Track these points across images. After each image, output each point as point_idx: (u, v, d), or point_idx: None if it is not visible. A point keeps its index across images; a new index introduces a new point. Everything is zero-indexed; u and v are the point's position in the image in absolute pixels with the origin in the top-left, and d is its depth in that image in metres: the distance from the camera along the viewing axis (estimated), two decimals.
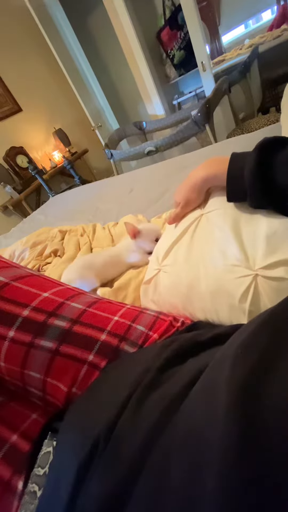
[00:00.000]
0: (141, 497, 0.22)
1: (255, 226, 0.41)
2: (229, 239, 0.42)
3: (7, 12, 2.52)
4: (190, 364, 0.32)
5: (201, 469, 0.20)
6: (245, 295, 0.39)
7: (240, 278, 0.39)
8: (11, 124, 2.69)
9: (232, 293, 0.40)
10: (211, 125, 1.62)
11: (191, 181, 0.51)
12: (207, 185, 0.50)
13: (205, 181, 0.49)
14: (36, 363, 0.37)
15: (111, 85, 3.12)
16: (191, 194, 0.51)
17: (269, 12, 2.45)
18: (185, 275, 0.47)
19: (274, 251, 0.38)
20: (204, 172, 0.48)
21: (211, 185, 0.50)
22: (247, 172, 0.40)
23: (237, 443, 0.18)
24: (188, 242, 0.50)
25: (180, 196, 0.53)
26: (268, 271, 0.37)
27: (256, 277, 0.38)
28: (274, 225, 0.39)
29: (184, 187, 0.53)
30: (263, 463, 0.17)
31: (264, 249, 0.38)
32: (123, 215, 1.05)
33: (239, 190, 0.42)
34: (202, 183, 0.49)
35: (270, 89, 2.23)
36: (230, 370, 0.23)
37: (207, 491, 0.18)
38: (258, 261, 0.38)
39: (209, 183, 0.49)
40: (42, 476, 0.32)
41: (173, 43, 2.45)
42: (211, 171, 0.47)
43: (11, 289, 0.39)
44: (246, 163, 0.40)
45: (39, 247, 1.09)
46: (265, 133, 1.05)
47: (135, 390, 0.30)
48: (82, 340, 0.39)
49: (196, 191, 0.51)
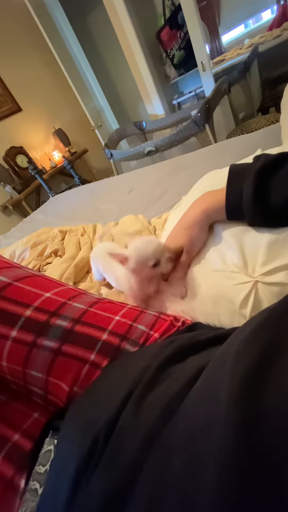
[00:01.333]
0: (141, 495, 0.22)
1: (257, 234, 0.41)
2: (228, 246, 0.42)
3: (7, 12, 2.52)
4: (190, 363, 0.32)
5: (201, 465, 0.20)
6: (245, 301, 0.39)
7: (240, 285, 0.39)
8: (11, 124, 2.69)
9: (232, 299, 0.40)
10: (211, 125, 1.62)
11: (188, 220, 0.46)
12: (208, 220, 0.45)
13: (205, 215, 0.45)
14: (38, 363, 0.37)
15: (111, 85, 3.12)
16: (193, 232, 0.45)
17: (269, 12, 2.45)
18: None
19: (274, 258, 0.38)
20: (202, 205, 0.45)
21: (213, 220, 0.45)
22: (245, 199, 0.39)
23: (238, 439, 0.19)
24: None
25: (179, 241, 0.47)
26: (268, 277, 0.37)
27: (256, 284, 0.38)
28: (276, 233, 0.39)
29: (180, 230, 0.47)
30: (264, 459, 0.17)
31: (265, 256, 0.38)
32: (123, 215, 1.05)
33: (239, 215, 0.42)
34: (204, 216, 0.45)
35: (270, 89, 2.23)
36: (231, 367, 0.23)
37: (207, 486, 0.18)
38: (258, 268, 0.39)
39: (210, 217, 0.45)
40: (43, 474, 0.33)
41: (173, 43, 2.45)
42: (209, 204, 0.44)
43: (13, 289, 0.39)
44: (244, 187, 0.39)
45: (40, 247, 1.09)
46: (265, 133, 1.05)
47: (135, 388, 0.30)
48: (84, 340, 0.39)
49: (197, 227, 0.45)
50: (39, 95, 2.87)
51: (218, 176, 0.53)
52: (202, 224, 0.45)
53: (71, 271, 0.83)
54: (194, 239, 0.46)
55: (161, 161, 1.47)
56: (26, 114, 2.80)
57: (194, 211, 0.46)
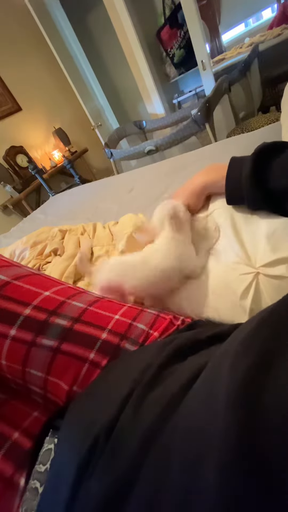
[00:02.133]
0: (141, 495, 0.22)
1: (255, 225, 0.41)
2: (229, 238, 0.42)
3: (7, 11, 2.51)
4: (190, 362, 0.32)
5: (201, 465, 0.20)
6: (246, 292, 0.39)
7: (242, 275, 0.40)
8: (11, 124, 2.69)
9: (233, 290, 0.40)
10: (211, 124, 1.62)
11: (191, 186, 0.52)
12: (206, 191, 0.51)
13: (204, 187, 0.50)
14: (37, 362, 0.37)
15: (111, 84, 3.11)
16: (191, 199, 0.53)
17: (269, 11, 2.45)
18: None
19: (275, 250, 0.38)
20: (204, 178, 0.50)
21: (210, 192, 0.52)
22: (244, 178, 0.41)
23: (238, 439, 0.19)
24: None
25: (179, 200, 0.54)
26: (269, 269, 0.38)
27: (258, 275, 0.38)
28: (274, 224, 0.40)
29: (183, 191, 0.54)
30: (264, 458, 0.17)
31: (265, 247, 0.39)
32: (123, 214, 1.05)
33: (238, 194, 0.43)
34: (201, 189, 0.51)
35: (270, 88, 2.22)
36: (230, 367, 0.23)
37: (207, 487, 0.18)
38: (259, 259, 0.39)
39: (208, 189, 0.51)
40: (44, 472, 0.32)
41: (173, 42, 2.45)
42: (210, 178, 0.49)
43: (12, 288, 0.39)
44: (243, 169, 0.41)
45: (39, 247, 1.09)
46: (266, 132, 1.05)
47: (135, 387, 0.30)
48: (83, 339, 0.39)
49: (195, 196, 0.52)
50: (39, 94, 2.87)
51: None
52: (199, 195, 0.52)
53: (71, 270, 0.83)
54: (189, 205, 0.53)
55: (161, 160, 1.46)
56: (26, 114, 2.79)
57: (195, 182, 0.52)
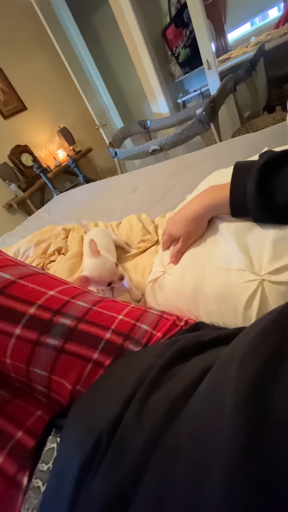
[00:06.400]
0: (145, 496, 0.22)
1: (261, 231, 0.40)
2: (233, 244, 0.42)
3: (13, 11, 2.53)
4: (195, 363, 0.32)
5: (207, 468, 0.20)
6: (251, 300, 0.38)
7: (246, 282, 0.39)
8: (16, 123, 2.70)
9: (237, 298, 0.40)
10: (216, 124, 1.61)
11: (190, 212, 0.48)
12: (210, 214, 0.47)
13: (207, 210, 0.46)
14: (41, 361, 0.37)
15: (115, 84, 3.11)
16: (192, 225, 0.48)
17: (275, 10, 2.43)
18: (190, 277, 0.47)
19: (281, 256, 0.37)
20: (206, 201, 0.46)
21: (213, 214, 0.47)
22: (249, 199, 0.39)
23: (244, 442, 0.18)
24: (194, 246, 0.50)
25: (178, 229, 0.50)
26: (275, 276, 0.37)
27: (263, 282, 0.38)
28: (281, 230, 0.39)
29: (181, 219, 0.49)
30: (270, 463, 0.17)
31: (271, 254, 0.38)
32: (127, 214, 1.05)
33: (244, 214, 0.42)
34: (205, 212, 0.46)
35: (276, 87, 2.21)
36: (237, 369, 0.23)
37: (212, 490, 0.18)
38: (264, 266, 0.38)
39: (212, 212, 0.47)
40: (46, 471, 0.33)
41: (178, 41, 2.44)
42: (212, 200, 0.45)
43: (17, 287, 0.39)
44: (248, 185, 0.39)
45: (43, 245, 1.09)
46: (271, 132, 1.04)
47: (138, 388, 0.30)
48: (87, 338, 0.39)
49: (196, 222, 0.48)
50: (44, 94, 2.88)
51: (223, 176, 0.53)
52: (203, 218, 0.47)
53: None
54: (192, 231, 0.49)
55: (166, 160, 1.46)
56: (31, 113, 2.81)
57: (197, 205, 0.47)
